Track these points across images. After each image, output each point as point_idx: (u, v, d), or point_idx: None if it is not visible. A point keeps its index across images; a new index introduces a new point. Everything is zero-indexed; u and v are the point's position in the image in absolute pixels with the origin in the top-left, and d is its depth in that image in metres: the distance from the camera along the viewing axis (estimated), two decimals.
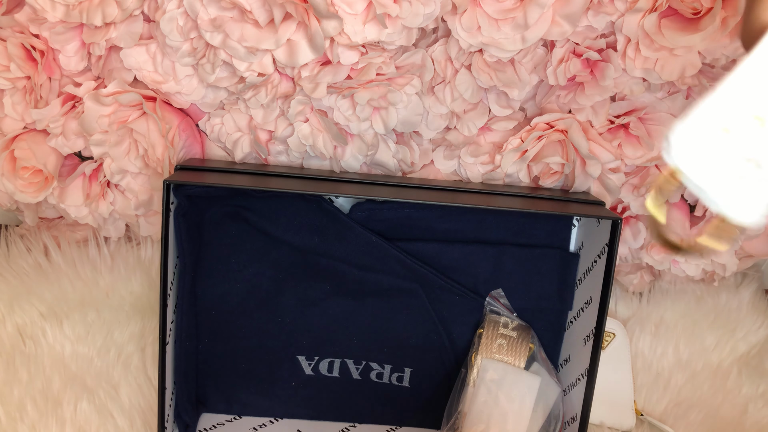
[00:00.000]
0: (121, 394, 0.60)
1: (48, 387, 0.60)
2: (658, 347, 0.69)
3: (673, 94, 0.58)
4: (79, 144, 0.60)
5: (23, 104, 0.58)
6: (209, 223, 0.59)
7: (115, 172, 0.60)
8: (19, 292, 0.66)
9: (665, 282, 0.72)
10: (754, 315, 0.72)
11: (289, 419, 0.63)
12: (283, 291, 0.61)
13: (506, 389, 0.58)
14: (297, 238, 0.60)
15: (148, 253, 0.68)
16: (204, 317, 0.61)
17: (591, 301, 0.58)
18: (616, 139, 0.59)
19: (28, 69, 0.57)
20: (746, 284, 0.73)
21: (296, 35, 0.52)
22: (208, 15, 0.52)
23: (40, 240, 0.68)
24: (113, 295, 0.67)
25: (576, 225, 0.63)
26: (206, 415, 0.63)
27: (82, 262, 0.67)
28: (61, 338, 0.63)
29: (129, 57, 0.56)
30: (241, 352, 0.62)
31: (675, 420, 0.64)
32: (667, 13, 0.52)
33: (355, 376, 0.63)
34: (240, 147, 0.60)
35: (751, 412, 0.65)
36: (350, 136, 0.59)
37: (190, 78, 0.57)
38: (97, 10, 0.52)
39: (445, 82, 0.57)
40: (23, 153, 0.59)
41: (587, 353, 0.57)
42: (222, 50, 0.52)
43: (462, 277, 0.62)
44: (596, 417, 0.63)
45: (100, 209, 0.63)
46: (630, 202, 0.62)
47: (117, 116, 0.57)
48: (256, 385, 0.62)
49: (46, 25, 0.55)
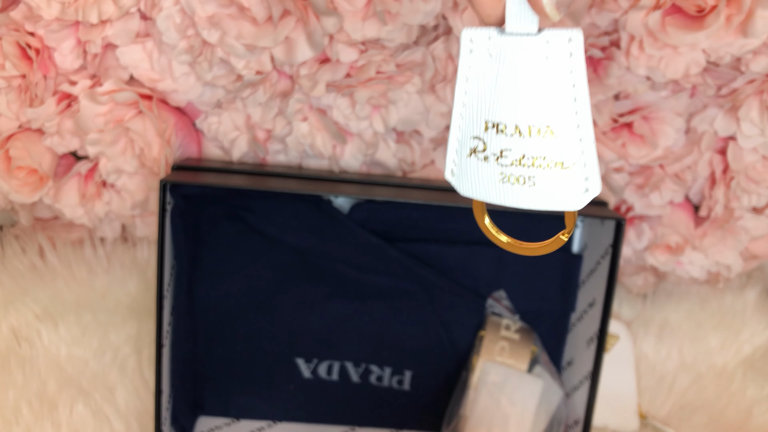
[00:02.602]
0: (117, 397, 0.60)
1: (43, 389, 0.59)
2: (662, 349, 0.69)
3: (677, 93, 0.58)
4: (75, 143, 0.59)
5: (18, 103, 0.58)
6: (206, 223, 0.59)
7: (110, 172, 0.60)
8: (14, 294, 0.65)
9: (669, 283, 0.71)
10: (759, 317, 0.71)
11: (288, 423, 0.63)
12: (281, 292, 0.60)
13: (508, 392, 0.58)
14: (295, 239, 0.59)
15: (144, 253, 0.68)
16: (201, 319, 0.60)
17: (594, 303, 0.58)
18: (620, 138, 0.59)
19: (23, 67, 0.56)
20: (751, 286, 0.73)
21: (295, 32, 0.52)
22: (206, 12, 0.52)
23: (35, 241, 0.68)
24: (109, 297, 0.67)
25: (579, 226, 0.62)
26: (203, 418, 0.62)
27: (78, 263, 0.67)
28: (57, 340, 0.63)
29: (125, 55, 0.56)
30: (239, 354, 0.61)
31: (679, 423, 0.64)
32: (671, 10, 0.52)
33: (355, 379, 0.62)
34: (237, 146, 0.60)
35: (756, 415, 0.64)
36: (349, 135, 0.59)
37: (186, 76, 0.57)
38: (92, 7, 0.52)
39: (446, 81, 0.57)
40: (18, 152, 0.59)
41: (590, 356, 0.57)
42: (219, 48, 0.52)
43: (463, 278, 0.61)
44: (599, 420, 0.63)
45: (96, 209, 0.62)
46: (634, 203, 0.62)
47: (113, 115, 0.57)
48: (254, 388, 0.62)
49: (42, 22, 0.54)
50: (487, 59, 0.25)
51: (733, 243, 0.63)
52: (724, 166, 0.61)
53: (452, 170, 0.29)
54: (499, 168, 0.26)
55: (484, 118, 0.26)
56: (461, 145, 0.28)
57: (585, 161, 0.25)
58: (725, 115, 0.59)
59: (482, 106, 0.26)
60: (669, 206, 0.63)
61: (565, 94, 0.25)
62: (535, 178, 0.26)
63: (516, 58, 0.25)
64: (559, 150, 0.25)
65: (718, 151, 0.61)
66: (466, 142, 0.27)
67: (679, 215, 0.63)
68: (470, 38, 0.26)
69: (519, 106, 0.25)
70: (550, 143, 0.25)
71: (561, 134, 0.25)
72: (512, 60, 0.25)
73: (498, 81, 0.25)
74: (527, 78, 0.25)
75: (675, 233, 0.63)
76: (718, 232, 0.63)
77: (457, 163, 0.28)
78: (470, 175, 0.28)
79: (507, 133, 0.26)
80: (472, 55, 0.26)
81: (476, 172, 0.27)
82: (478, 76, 0.26)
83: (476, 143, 0.27)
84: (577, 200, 0.27)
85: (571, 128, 0.25)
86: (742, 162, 0.60)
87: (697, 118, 0.59)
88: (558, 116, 0.25)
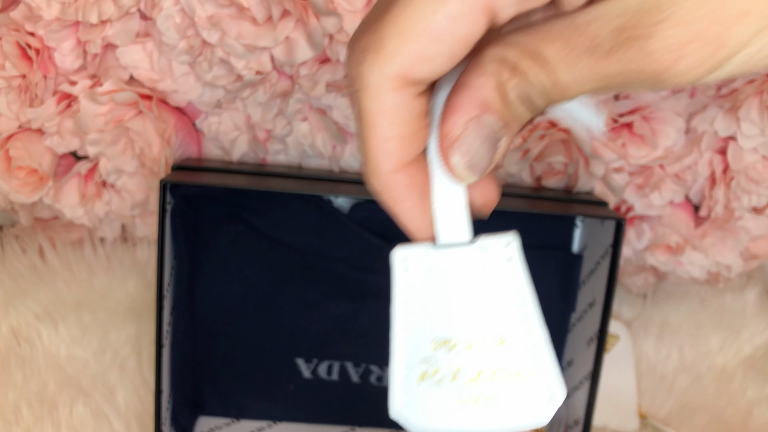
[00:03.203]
0: (117, 397, 0.60)
1: (43, 390, 0.59)
2: (662, 349, 0.68)
3: (677, 93, 0.58)
4: (75, 143, 0.59)
5: (18, 103, 0.58)
6: (206, 223, 0.59)
7: (110, 172, 0.60)
8: (14, 294, 0.65)
9: (669, 283, 0.71)
10: (759, 317, 0.71)
11: (288, 423, 0.62)
12: (281, 293, 0.60)
13: None
14: (295, 239, 0.59)
15: (144, 254, 0.68)
16: (201, 319, 0.60)
17: (594, 303, 0.58)
18: (620, 138, 0.59)
19: (23, 67, 0.56)
20: (751, 286, 0.73)
21: (295, 33, 0.52)
22: (206, 12, 0.51)
23: (36, 241, 0.68)
24: (109, 297, 0.66)
25: (579, 225, 0.62)
26: (203, 418, 0.62)
27: (78, 263, 0.67)
28: (57, 340, 0.63)
29: (125, 55, 0.56)
30: (239, 354, 0.61)
31: (679, 423, 0.63)
32: None
33: (355, 379, 0.62)
34: (237, 146, 0.60)
35: (757, 415, 0.64)
36: (349, 135, 0.59)
37: (186, 76, 0.56)
38: (93, 7, 0.52)
39: None
40: (18, 153, 0.59)
41: (590, 356, 0.57)
42: (219, 48, 0.52)
43: None
44: (599, 420, 0.63)
45: (96, 209, 0.62)
46: (634, 203, 0.62)
47: (113, 115, 0.57)
48: (254, 388, 0.62)
49: (42, 23, 0.54)
50: (426, 275, 0.24)
51: (733, 243, 0.63)
52: (724, 166, 0.61)
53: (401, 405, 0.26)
54: (455, 391, 0.24)
55: (432, 337, 0.24)
56: (409, 371, 0.25)
57: (543, 367, 0.24)
58: (725, 115, 0.59)
59: (428, 325, 0.24)
60: (669, 206, 0.63)
61: (510, 300, 0.24)
62: (496, 395, 0.24)
63: (454, 271, 0.24)
64: (514, 360, 0.24)
65: (718, 151, 0.61)
66: (414, 367, 0.25)
67: (679, 215, 0.63)
68: (404, 257, 0.25)
69: (467, 319, 0.24)
70: (505, 354, 0.24)
71: (513, 343, 0.24)
72: (451, 273, 0.24)
73: (441, 296, 0.24)
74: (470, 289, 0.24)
75: (675, 233, 0.63)
76: (718, 232, 0.63)
77: (406, 395, 0.26)
78: (424, 405, 0.25)
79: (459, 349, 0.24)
80: (408, 273, 0.25)
81: (430, 399, 0.25)
82: (418, 294, 0.25)
83: (426, 367, 0.25)
84: (542, 412, 0.24)
85: (523, 335, 0.24)
86: (742, 162, 0.60)
87: (697, 118, 0.59)
88: (507, 324, 0.24)
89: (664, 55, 0.19)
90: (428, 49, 0.19)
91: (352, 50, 0.21)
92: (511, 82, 0.20)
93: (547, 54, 0.20)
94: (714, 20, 0.18)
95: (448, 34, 0.19)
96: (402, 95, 0.20)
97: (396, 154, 0.22)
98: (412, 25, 0.19)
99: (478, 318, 0.24)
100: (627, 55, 0.19)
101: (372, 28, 0.20)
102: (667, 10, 0.18)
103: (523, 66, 0.20)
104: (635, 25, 0.19)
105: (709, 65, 0.19)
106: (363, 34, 0.20)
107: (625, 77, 0.20)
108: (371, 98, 0.20)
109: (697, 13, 0.18)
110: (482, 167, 0.21)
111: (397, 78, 0.20)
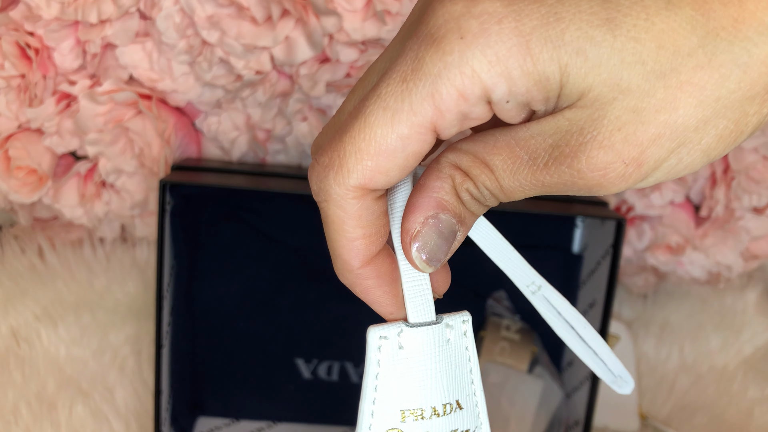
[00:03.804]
0: (116, 397, 0.60)
1: (43, 390, 0.59)
2: (662, 350, 0.68)
3: None
4: (74, 143, 0.59)
5: (17, 103, 0.58)
6: (206, 223, 0.59)
7: (110, 172, 0.59)
8: (13, 294, 0.65)
9: (670, 284, 0.71)
10: (760, 317, 0.71)
11: (288, 423, 0.62)
12: (281, 293, 0.60)
13: (508, 393, 0.58)
14: (295, 239, 0.59)
15: (143, 254, 0.68)
16: (201, 319, 0.60)
17: (595, 303, 0.58)
18: None
19: (23, 67, 0.56)
20: (752, 286, 0.73)
21: (294, 32, 0.51)
22: (205, 12, 0.51)
23: (35, 241, 0.68)
24: (108, 297, 0.66)
25: (579, 226, 0.62)
26: (203, 418, 0.62)
27: (77, 263, 0.67)
28: (56, 340, 0.62)
29: (124, 55, 0.56)
30: (239, 354, 0.61)
31: (680, 423, 0.63)
32: None
33: (355, 379, 0.62)
34: (237, 146, 0.59)
35: (757, 416, 0.64)
36: None
37: (186, 76, 0.56)
38: (92, 7, 0.52)
39: None
40: (17, 152, 0.59)
41: None
42: (219, 48, 0.52)
43: (463, 278, 0.61)
44: (600, 421, 0.63)
45: (95, 209, 0.62)
46: (635, 203, 0.62)
47: (112, 115, 0.57)
48: (254, 389, 0.62)
49: (41, 22, 0.54)
50: (397, 352, 0.27)
51: (733, 243, 0.63)
52: (725, 166, 0.61)
53: None
54: None
55: (399, 408, 0.26)
56: None
57: (484, 421, 0.27)
58: None
59: (396, 397, 0.26)
60: (669, 206, 0.62)
61: (464, 367, 0.27)
62: None
63: (424, 346, 0.26)
64: (466, 420, 0.27)
65: None
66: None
67: (679, 215, 0.63)
68: (379, 335, 0.27)
69: (433, 389, 0.26)
70: (460, 416, 0.27)
71: (465, 405, 0.27)
72: (421, 348, 0.26)
73: (410, 370, 0.26)
74: (437, 362, 0.26)
75: (675, 233, 0.63)
76: (719, 232, 0.63)
77: None
78: None
79: (425, 417, 0.26)
80: (381, 351, 0.27)
81: None
82: (389, 369, 0.27)
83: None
84: None
85: (470, 396, 0.27)
86: (742, 162, 0.60)
87: None
88: (461, 389, 0.27)
89: (591, 173, 0.21)
90: (383, 164, 0.22)
91: (315, 166, 0.23)
92: (464, 185, 0.23)
93: (493, 163, 0.22)
94: (630, 143, 0.20)
95: (400, 151, 0.22)
96: (363, 202, 0.23)
97: (363, 251, 0.25)
98: (368, 145, 0.22)
99: (443, 386, 0.26)
100: (559, 170, 0.21)
101: (332, 145, 0.23)
102: (589, 134, 0.21)
103: (474, 172, 0.23)
104: (565, 144, 0.21)
105: (632, 180, 0.21)
106: (325, 150, 0.23)
107: (561, 187, 0.22)
108: (336, 207, 0.23)
109: (614, 137, 0.20)
110: (439, 259, 0.24)
111: (357, 189, 0.23)
